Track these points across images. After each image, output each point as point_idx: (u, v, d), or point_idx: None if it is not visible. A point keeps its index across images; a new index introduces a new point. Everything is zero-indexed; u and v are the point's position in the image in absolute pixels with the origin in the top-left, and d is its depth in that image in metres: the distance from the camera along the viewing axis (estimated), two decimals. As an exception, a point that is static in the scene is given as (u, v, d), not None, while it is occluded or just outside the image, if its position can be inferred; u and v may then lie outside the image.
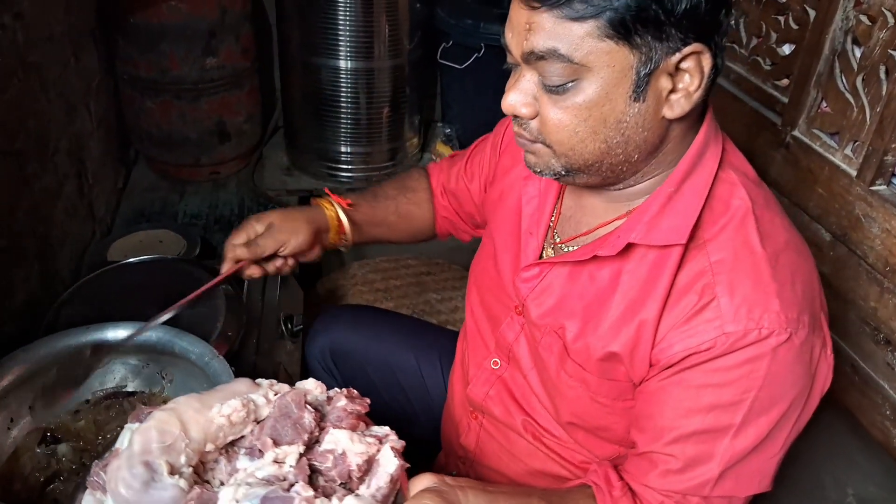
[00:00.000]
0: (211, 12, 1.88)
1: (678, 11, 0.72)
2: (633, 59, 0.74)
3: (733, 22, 1.62)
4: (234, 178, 2.22)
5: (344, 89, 2.06)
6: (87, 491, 0.79)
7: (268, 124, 2.36)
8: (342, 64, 2.02)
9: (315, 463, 0.79)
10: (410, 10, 2.02)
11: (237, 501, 0.72)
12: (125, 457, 0.75)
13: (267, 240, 1.10)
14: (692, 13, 0.72)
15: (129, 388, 1.13)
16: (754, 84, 1.55)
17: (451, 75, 2.23)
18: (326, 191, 1.20)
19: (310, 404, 0.83)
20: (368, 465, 0.79)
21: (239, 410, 0.80)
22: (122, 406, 1.11)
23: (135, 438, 0.76)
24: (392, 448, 0.80)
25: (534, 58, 0.76)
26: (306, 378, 1.37)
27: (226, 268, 1.09)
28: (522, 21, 0.76)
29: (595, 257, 0.88)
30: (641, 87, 0.75)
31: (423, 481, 0.78)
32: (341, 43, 1.98)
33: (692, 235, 0.82)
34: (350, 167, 2.23)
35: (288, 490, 0.74)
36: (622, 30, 0.72)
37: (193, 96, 1.97)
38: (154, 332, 1.08)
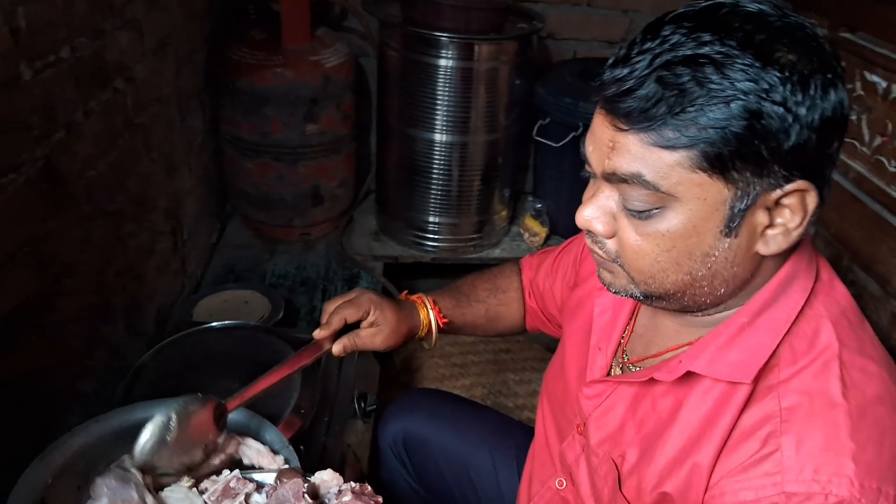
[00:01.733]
0: (315, 80, 1.91)
1: (784, 148, 0.64)
2: (727, 193, 0.66)
3: (855, 117, 1.51)
4: (322, 240, 2.24)
5: (437, 161, 2.05)
6: None
7: (359, 189, 2.37)
8: (437, 137, 2.02)
9: None
10: (509, 86, 2.00)
11: None
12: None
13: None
14: (800, 150, 0.64)
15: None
16: (877, 186, 1.43)
17: (546, 151, 2.19)
18: (431, 301, 1.17)
19: (315, 497, 0.83)
20: None
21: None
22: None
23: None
24: None
25: (615, 178, 0.70)
26: (376, 463, 1.34)
27: (329, 330, 1.05)
28: (606, 138, 0.69)
29: (653, 381, 0.80)
30: (735, 222, 0.68)
31: None
32: (438, 116, 1.98)
33: (765, 375, 0.73)
34: (437, 237, 2.21)
35: None
36: (718, 164, 0.64)
37: (292, 160, 2.01)
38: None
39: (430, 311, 1.15)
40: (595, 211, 0.74)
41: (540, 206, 2.27)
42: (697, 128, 0.63)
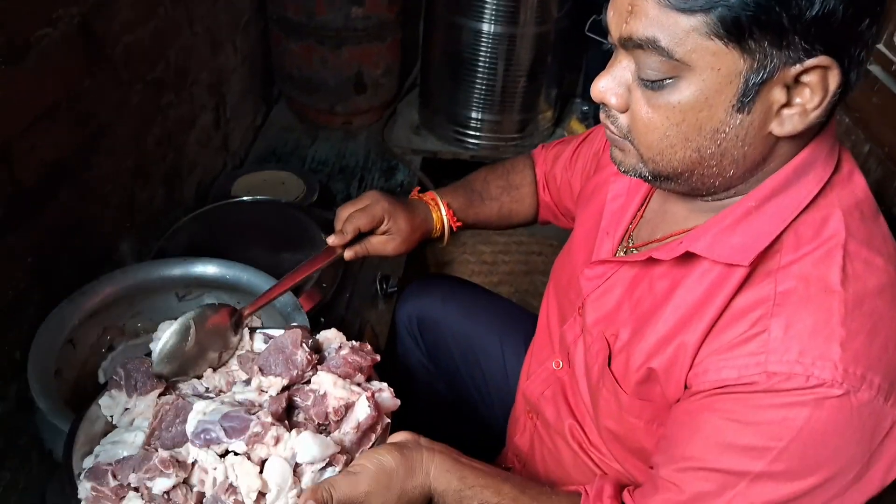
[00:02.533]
0: (361, -39, 1.87)
1: (806, 18, 0.60)
2: (742, 64, 0.63)
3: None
4: (364, 130, 2.24)
5: (483, 53, 2.01)
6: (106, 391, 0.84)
7: (405, 80, 2.35)
8: (485, 27, 1.96)
9: (296, 398, 0.83)
10: (564, -24, 1.92)
11: (205, 414, 0.77)
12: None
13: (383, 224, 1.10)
14: (824, 21, 0.60)
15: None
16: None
17: (597, 51, 2.11)
18: (445, 204, 1.17)
19: (317, 351, 0.88)
20: (345, 411, 0.81)
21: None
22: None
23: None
24: (375, 400, 0.82)
25: (631, 44, 0.67)
26: (393, 340, 1.39)
27: (343, 240, 1.07)
28: (626, 1, 0.67)
29: (652, 261, 0.80)
30: (749, 96, 0.65)
31: (398, 437, 0.79)
32: (487, 4, 1.92)
33: (765, 260, 0.72)
34: (478, 134, 2.19)
35: (251, 414, 0.77)
36: (735, 30, 0.62)
37: (336, 43, 1.99)
38: (246, 273, 1.10)
39: (444, 214, 1.16)
40: (610, 81, 0.72)
41: (587, 108, 2.22)
42: None
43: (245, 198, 1.49)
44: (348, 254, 1.09)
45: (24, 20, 0.99)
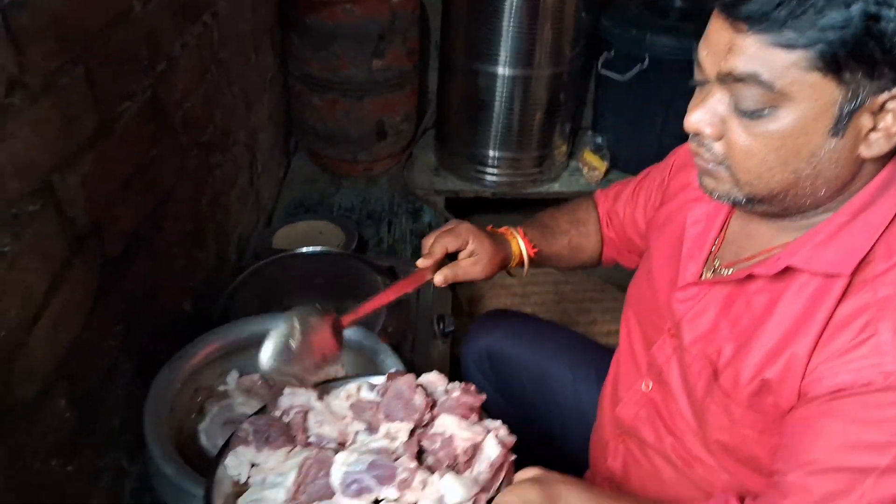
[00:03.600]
0: (382, 15, 1.94)
1: None
2: (838, 94, 0.70)
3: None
4: (385, 175, 2.29)
5: (500, 95, 2.08)
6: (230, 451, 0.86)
7: (419, 124, 2.41)
8: (500, 70, 2.04)
9: (424, 443, 0.84)
10: (575, 18, 2.00)
11: (348, 465, 0.79)
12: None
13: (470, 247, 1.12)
14: None
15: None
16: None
17: (609, 85, 2.19)
18: (521, 232, 1.21)
19: (421, 391, 0.90)
20: (474, 452, 0.83)
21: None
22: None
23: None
24: (498, 438, 0.84)
25: (730, 79, 0.73)
26: (459, 379, 1.42)
27: (432, 259, 1.08)
28: (723, 41, 0.73)
29: (752, 278, 0.85)
30: (842, 123, 0.71)
31: (529, 472, 0.80)
32: (503, 50, 2.00)
33: (860, 270, 0.77)
34: (497, 171, 2.24)
35: (394, 462, 0.80)
36: (833, 64, 0.68)
37: (359, 96, 2.05)
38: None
39: (521, 242, 1.19)
40: (704, 114, 0.78)
41: (600, 140, 2.29)
42: (816, 29, 0.67)
43: (301, 249, 1.52)
44: (438, 278, 1.10)
45: (111, 96, 1.03)
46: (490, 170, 2.25)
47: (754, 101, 0.72)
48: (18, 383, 0.84)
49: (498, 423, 0.89)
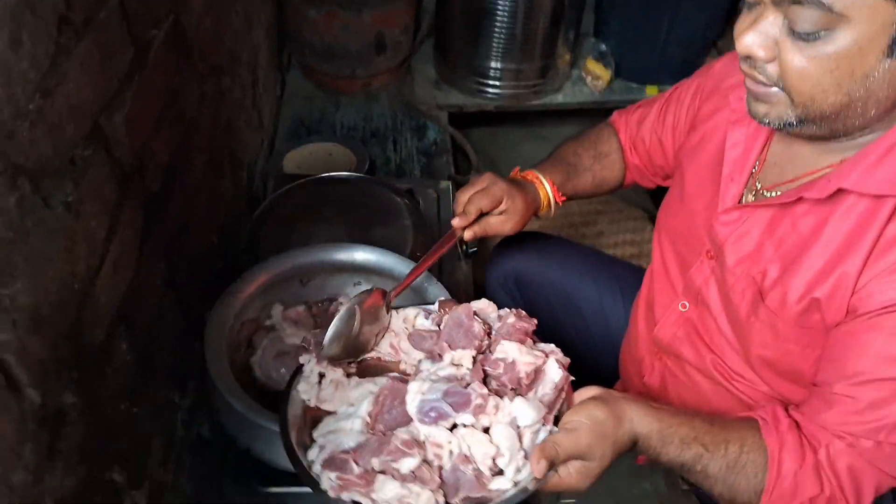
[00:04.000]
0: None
1: None
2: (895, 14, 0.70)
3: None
4: (384, 91, 2.23)
5: (503, 2, 2.01)
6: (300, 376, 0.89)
7: (416, 37, 2.33)
8: (505, -25, 1.96)
9: (487, 369, 0.88)
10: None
11: (423, 393, 0.82)
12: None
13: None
14: None
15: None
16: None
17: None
18: (550, 182, 1.21)
19: (479, 318, 0.92)
20: (535, 375, 0.87)
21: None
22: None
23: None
24: (557, 361, 0.88)
25: (787, 2, 0.73)
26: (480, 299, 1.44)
27: (467, 221, 1.11)
28: None
29: (801, 200, 0.87)
30: None
31: (590, 391, 0.85)
32: (506, -47, 1.92)
33: None
34: (499, 83, 2.20)
35: (465, 388, 0.83)
36: None
37: (357, 8, 1.97)
38: (373, 255, 1.13)
39: (549, 190, 1.20)
40: (756, 37, 0.77)
41: (604, 48, 2.24)
42: None
43: (322, 175, 1.50)
44: (468, 234, 1.13)
45: (141, 26, 0.98)
46: (492, 82, 2.20)
47: (811, 23, 0.72)
48: (88, 331, 0.83)
49: (552, 346, 0.92)
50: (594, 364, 1.35)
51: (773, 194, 0.93)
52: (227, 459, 1.12)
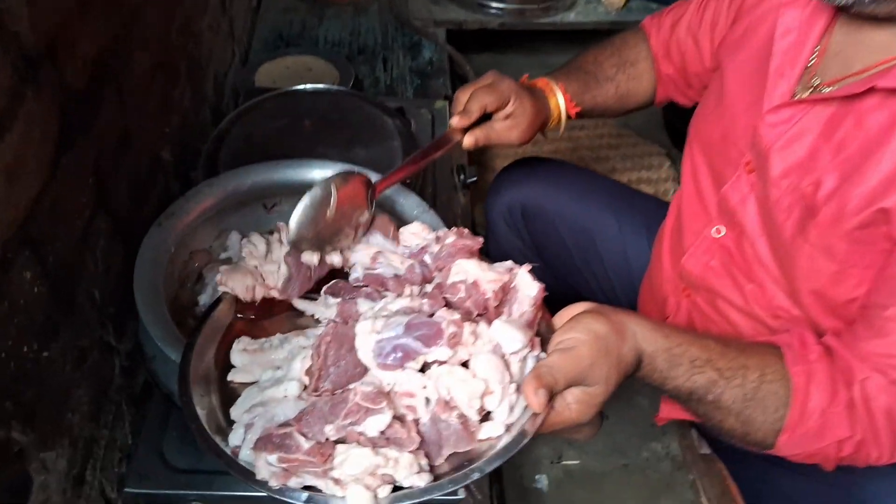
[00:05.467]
0: None
1: None
2: None
3: None
4: (374, 4, 2.00)
5: None
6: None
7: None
8: None
9: (446, 296, 0.72)
10: None
11: (377, 332, 0.65)
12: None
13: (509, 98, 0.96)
14: None
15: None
16: None
17: None
18: (562, 88, 1.03)
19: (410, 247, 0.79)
20: (503, 294, 0.72)
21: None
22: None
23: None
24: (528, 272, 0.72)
25: None
26: (484, 234, 1.26)
27: (469, 119, 0.93)
28: None
29: (871, 92, 0.72)
30: None
31: (579, 306, 0.71)
32: None
33: None
34: (503, -1, 1.97)
35: (430, 318, 0.66)
36: None
37: None
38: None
39: (562, 100, 1.03)
40: None
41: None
42: None
43: (300, 87, 1.29)
44: (468, 140, 0.95)
45: None
46: (495, -4, 1.97)
47: None
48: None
49: (510, 262, 0.75)
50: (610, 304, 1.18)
51: (836, 89, 0.78)
52: (171, 411, 0.94)
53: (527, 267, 0.74)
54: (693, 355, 0.71)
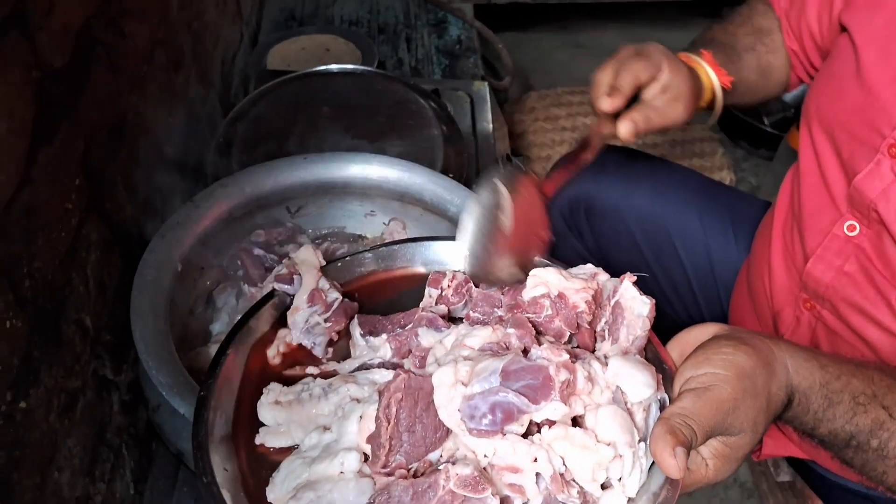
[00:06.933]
0: None
1: None
2: None
3: None
4: (394, -21, 1.83)
5: None
6: None
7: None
8: None
9: (529, 316, 0.57)
10: None
11: (464, 385, 0.48)
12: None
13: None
14: None
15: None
16: None
17: None
18: (706, 56, 0.88)
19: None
20: (596, 307, 0.58)
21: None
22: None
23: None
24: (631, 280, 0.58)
25: None
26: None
27: (622, 98, 0.78)
28: None
29: None
30: None
31: (708, 328, 0.57)
32: None
33: None
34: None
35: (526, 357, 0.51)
36: None
37: None
38: (402, 171, 0.77)
39: (711, 72, 0.86)
40: None
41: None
42: None
43: (322, 68, 1.12)
44: (625, 128, 0.78)
45: None
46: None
47: None
48: None
49: (590, 266, 0.61)
50: (688, 320, 1.01)
51: None
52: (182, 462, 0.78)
53: (631, 277, 0.58)
54: (855, 389, 0.58)
